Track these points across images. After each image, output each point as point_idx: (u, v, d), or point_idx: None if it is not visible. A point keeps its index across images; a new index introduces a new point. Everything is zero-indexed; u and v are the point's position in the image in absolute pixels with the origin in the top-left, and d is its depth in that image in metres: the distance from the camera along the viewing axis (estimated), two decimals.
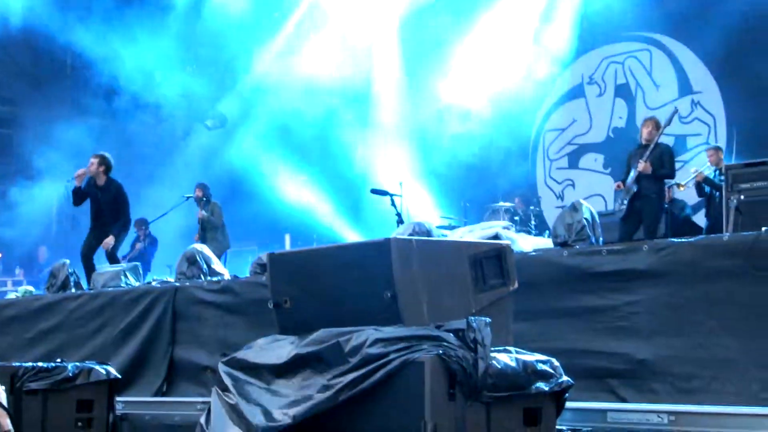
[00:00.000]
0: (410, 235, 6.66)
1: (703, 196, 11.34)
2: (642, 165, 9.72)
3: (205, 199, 13.91)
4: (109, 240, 10.78)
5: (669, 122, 10.24)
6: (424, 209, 15.83)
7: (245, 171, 17.86)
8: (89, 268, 10.71)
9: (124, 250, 12.94)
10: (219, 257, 10.02)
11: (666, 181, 10.31)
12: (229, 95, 18.99)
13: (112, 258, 10.97)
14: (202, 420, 4.65)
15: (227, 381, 4.65)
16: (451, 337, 4.15)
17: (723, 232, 8.66)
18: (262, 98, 18.23)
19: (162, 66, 17.98)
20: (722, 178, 9.72)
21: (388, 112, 17.98)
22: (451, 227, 10.92)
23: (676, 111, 10.52)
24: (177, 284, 8.26)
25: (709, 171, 11.19)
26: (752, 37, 13.37)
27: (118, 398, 6.74)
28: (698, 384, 5.38)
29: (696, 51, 14.42)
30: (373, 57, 18.14)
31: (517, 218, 12.27)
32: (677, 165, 10.91)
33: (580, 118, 15.96)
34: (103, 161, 11.01)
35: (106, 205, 10.92)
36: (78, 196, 11.00)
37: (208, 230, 13.57)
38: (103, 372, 6.52)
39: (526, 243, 6.93)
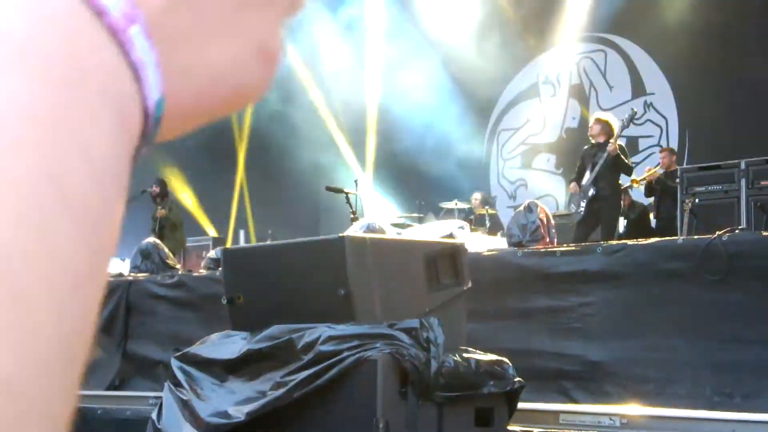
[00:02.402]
0: (364, 233, 6.64)
1: (652, 196, 11.42)
2: (611, 145, 9.59)
3: (163, 195, 13.79)
4: None
5: (627, 125, 10.28)
6: (379, 208, 15.88)
7: None
8: None
9: None
10: (175, 254, 9.95)
11: (622, 180, 10.32)
12: None
13: None
14: (154, 415, 4.61)
15: (179, 376, 4.62)
16: (404, 336, 4.15)
17: (675, 234, 8.74)
18: None
19: None
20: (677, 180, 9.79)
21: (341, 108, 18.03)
22: (405, 226, 10.92)
23: (634, 113, 10.55)
24: (130, 278, 8.18)
25: (661, 172, 11.27)
26: (706, 40, 13.51)
27: None
28: (651, 387, 5.41)
29: (650, 52, 14.56)
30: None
31: (471, 218, 12.29)
32: None
33: (534, 118, 16.05)
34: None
35: None
36: None
37: (165, 227, 13.44)
38: None
39: (480, 243, 6.94)
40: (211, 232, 17.31)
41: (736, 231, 5.42)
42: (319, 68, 18.18)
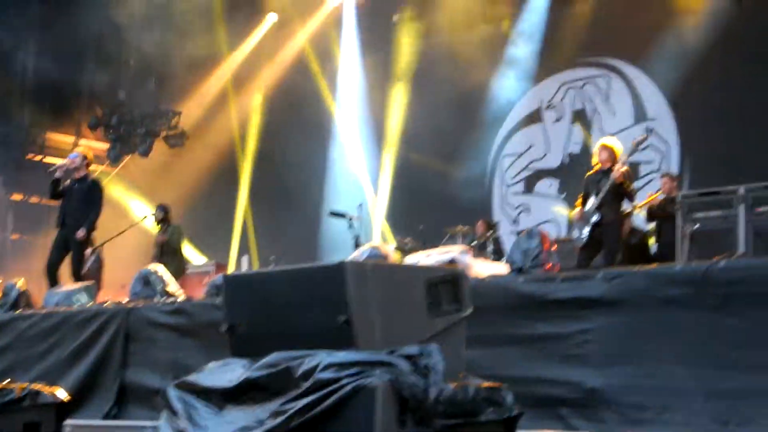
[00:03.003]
0: (366, 258, 6.65)
1: (653, 221, 11.42)
2: (617, 172, 9.61)
3: (165, 221, 13.82)
4: (80, 233, 10.67)
5: (637, 149, 10.30)
6: (381, 233, 15.89)
7: None
8: (53, 282, 10.60)
9: None
10: (176, 280, 9.94)
11: (624, 206, 10.31)
12: None
13: (77, 275, 10.82)
14: None
15: (177, 405, 4.60)
16: (403, 362, 4.14)
17: (674, 259, 8.74)
18: None
19: None
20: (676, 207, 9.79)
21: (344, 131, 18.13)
22: (409, 251, 10.93)
23: (646, 138, 10.58)
24: (130, 305, 8.17)
25: (661, 198, 11.29)
26: (708, 65, 13.55)
27: (67, 421, 6.64)
28: (648, 414, 5.40)
29: (652, 77, 14.61)
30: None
31: (475, 243, 12.30)
32: None
33: (537, 143, 16.08)
34: (85, 156, 11.09)
35: (78, 200, 10.83)
36: (56, 187, 10.93)
37: (165, 254, 13.45)
38: (51, 395, 6.43)
39: (482, 269, 6.94)
40: (214, 257, 17.33)
41: (734, 257, 5.42)
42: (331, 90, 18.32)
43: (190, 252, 17.44)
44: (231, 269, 16.18)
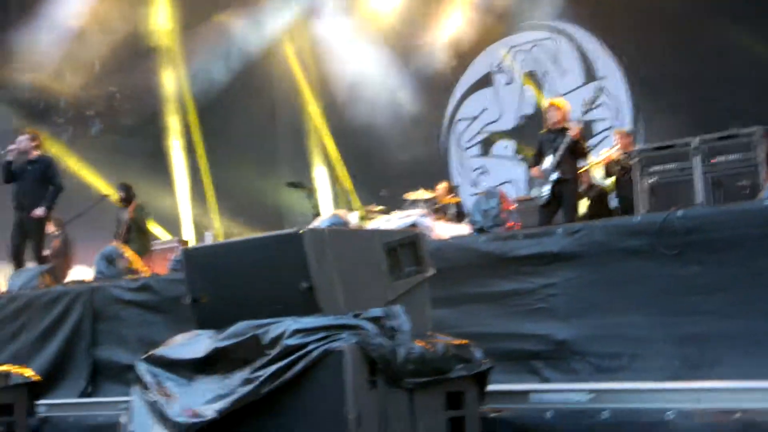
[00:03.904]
0: (327, 226, 6.67)
1: (610, 177, 11.53)
2: (573, 130, 9.67)
3: (128, 199, 13.74)
4: (39, 211, 10.60)
5: (591, 108, 10.36)
6: (340, 201, 15.92)
7: None
8: (20, 266, 10.53)
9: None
10: (142, 258, 9.92)
11: (580, 163, 10.39)
12: None
13: (39, 257, 10.76)
14: (123, 419, 4.62)
15: (147, 378, 4.63)
16: (369, 324, 4.19)
17: (635, 213, 8.83)
18: None
19: None
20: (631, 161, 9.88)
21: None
22: (371, 218, 10.97)
23: (598, 96, 10.63)
24: (95, 284, 8.15)
25: (616, 154, 11.38)
26: (655, 20, 13.64)
27: (41, 401, 6.65)
28: (620, 362, 5.47)
29: (599, 37, 14.72)
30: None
31: (437, 207, 12.34)
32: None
33: (490, 107, 16.20)
34: (35, 138, 10.98)
35: (35, 181, 10.74)
36: (8, 171, 10.83)
37: (131, 231, 13.39)
38: (21, 376, 6.43)
39: (444, 231, 6.99)
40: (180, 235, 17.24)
41: (691, 206, 5.50)
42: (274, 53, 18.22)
43: (157, 230, 17.35)
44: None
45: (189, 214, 18.11)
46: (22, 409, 6.41)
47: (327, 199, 15.98)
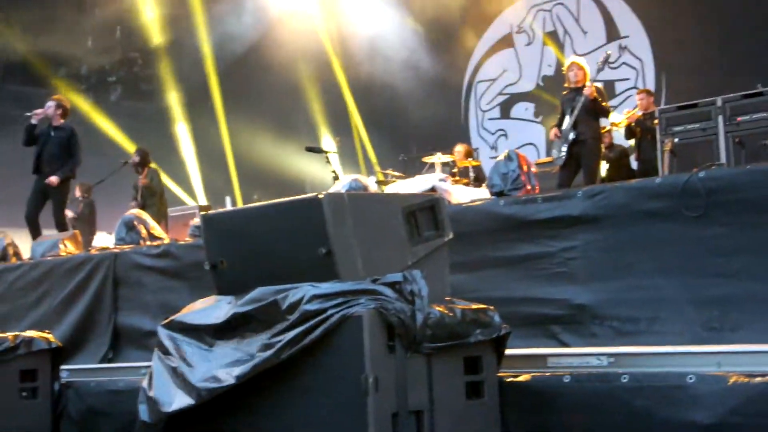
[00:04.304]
0: (347, 191, 6.66)
1: (632, 138, 11.44)
2: (588, 89, 9.60)
3: (144, 164, 13.76)
4: (53, 179, 10.64)
5: (602, 67, 10.26)
6: (361, 165, 15.91)
7: None
8: (35, 230, 10.59)
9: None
10: (159, 224, 9.94)
11: (601, 122, 10.31)
12: None
13: (60, 223, 10.81)
14: (145, 384, 4.64)
15: (167, 344, 4.65)
16: (387, 290, 4.17)
17: (657, 174, 8.77)
18: None
19: None
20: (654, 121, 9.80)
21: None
22: (390, 182, 10.95)
23: (608, 56, 10.52)
24: (116, 251, 8.19)
25: (639, 114, 11.29)
26: None
27: (63, 366, 6.71)
28: (640, 326, 5.44)
29: None
30: None
31: (455, 170, 12.30)
32: None
33: (510, 68, 16.06)
34: (61, 105, 11.03)
35: (57, 147, 10.77)
36: (30, 134, 10.86)
37: (146, 197, 13.43)
38: (45, 341, 6.48)
39: (463, 194, 6.96)
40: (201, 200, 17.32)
41: (712, 167, 5.43)
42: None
43: (180, 194, 17.44)
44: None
45: (199, 180, 18.16)
46: (45, 375, 6.46)
47: (346, 163, 15.95)
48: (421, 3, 16.32)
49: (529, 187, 6.50)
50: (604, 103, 9.81)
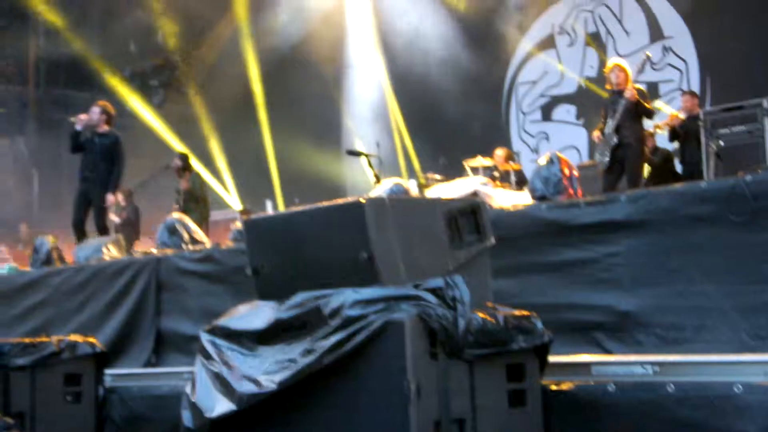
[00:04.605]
0: (388, 194, 6.64)
1: (675, 140, 11.30)
2: (629, 91, 9.52)
3: (185, 169, 13.84)
4: (110, 197, 10.74)
5: (643, 70, 10.15)
6: (402, 168, 15.89)
7: None
8: (81, 237, 10.69)
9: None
10: (200, 228, 10.00)
11: (645, 126, 10.19)
12: None
13: (102, 228, 10.90)
14: (188, 389, 4.65)
15: (210, 349, 4.65)
16: (429, 295, 4.14)
17: (702, 178, 8.66)
18: None
19: None
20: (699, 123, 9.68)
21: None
22: (431, 185, 10.91)
23: (648, 58, 10.40)
24: (159, 255, 8.24)
25: (683, 116, 11.15)
26: None
27: (107, 371, 6.75)
28: (685, 334, 5.37)
29: None
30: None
31: (496, 174, 12.24)
32: None
33: (552, 70, 15.95)
34: (105, 111, 11.10)
35: (100, 154, 10.85)
36: (76, 141, 10.96)
37: (188, 201, 13.51)
38: (89, 346, 6.53)
39: (504, 198, 6.92)
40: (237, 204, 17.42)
41: (759, 171, 5.35)
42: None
43: (226, 196, 17.54)
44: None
45: (239, 183, 18.24)
46: (89, 380, 6.50)
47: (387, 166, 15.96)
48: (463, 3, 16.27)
49: (571, 191, 6.44)
50: (647, 104, 9.70)
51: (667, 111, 11.35)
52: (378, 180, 8.91)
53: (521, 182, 11.98)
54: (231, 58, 18.26)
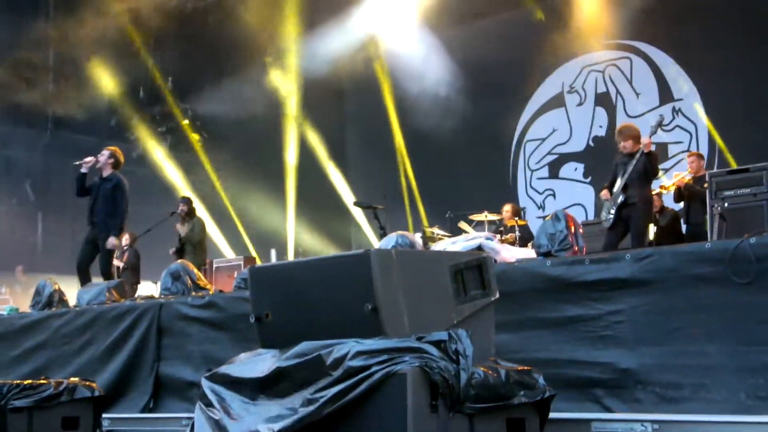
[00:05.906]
0: (393, 246, 6.66)
1: (681, 201, 11.36)
2: (645, 139, 9.59)
3: (190, 213, 13.91)
4: (112, 240, 10.74)
5: (656, 131, 10.23)
6: (408, 222, 15.92)
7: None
8: (85, 280, 10.69)
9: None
10: None
11: (652, 187, 10.26)
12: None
13: (106, 273, 10.92)
14: None
15: (210, 396, 4.64)
16: (432, 348, 4.15)
17: (706, 239, 8.69)
18: None
19: None
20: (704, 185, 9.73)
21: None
22: (436, 239, 10.94)
23: (661, 120, 10.48)
24: (161, 300, 8.24)
25: (689, 177, 11.23)
26: (732, 43, 13.45)
27: (105, 415, 6.73)
28: (684, 393, 5.36)
29: (676, 58, 14.51)
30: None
31: (502, 229, 12.28)
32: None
33: (561, 128, 16.06)
34: (114, 155, 11.10)
35: (103, 198, 10.87)
36: (82, 183, 10.99)
37: (186, 245, 13.56)
38: (88, 389, 6.52)
39: (509, 254, 6.93)
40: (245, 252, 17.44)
41: (763, 233, 5.37)
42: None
43: (222, 245, 17.55)
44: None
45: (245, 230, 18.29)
46: (87, 423, 6.49)
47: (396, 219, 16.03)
48: (474, 58, 16.38)
49: (576, 248, 6.45)
50: (655, 164, 9.78)
51: (670, 180, 11.42)
52: (384, 232, 8.94)
53: (525, 238, 12.01)
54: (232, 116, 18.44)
